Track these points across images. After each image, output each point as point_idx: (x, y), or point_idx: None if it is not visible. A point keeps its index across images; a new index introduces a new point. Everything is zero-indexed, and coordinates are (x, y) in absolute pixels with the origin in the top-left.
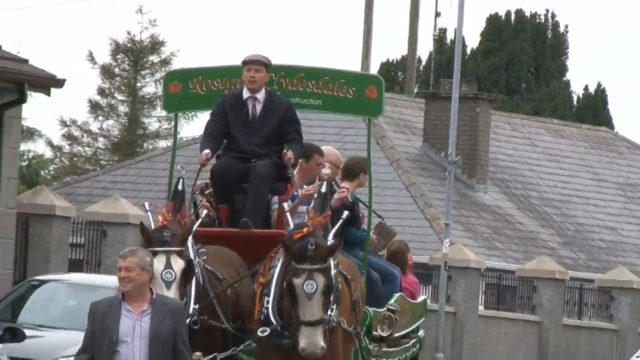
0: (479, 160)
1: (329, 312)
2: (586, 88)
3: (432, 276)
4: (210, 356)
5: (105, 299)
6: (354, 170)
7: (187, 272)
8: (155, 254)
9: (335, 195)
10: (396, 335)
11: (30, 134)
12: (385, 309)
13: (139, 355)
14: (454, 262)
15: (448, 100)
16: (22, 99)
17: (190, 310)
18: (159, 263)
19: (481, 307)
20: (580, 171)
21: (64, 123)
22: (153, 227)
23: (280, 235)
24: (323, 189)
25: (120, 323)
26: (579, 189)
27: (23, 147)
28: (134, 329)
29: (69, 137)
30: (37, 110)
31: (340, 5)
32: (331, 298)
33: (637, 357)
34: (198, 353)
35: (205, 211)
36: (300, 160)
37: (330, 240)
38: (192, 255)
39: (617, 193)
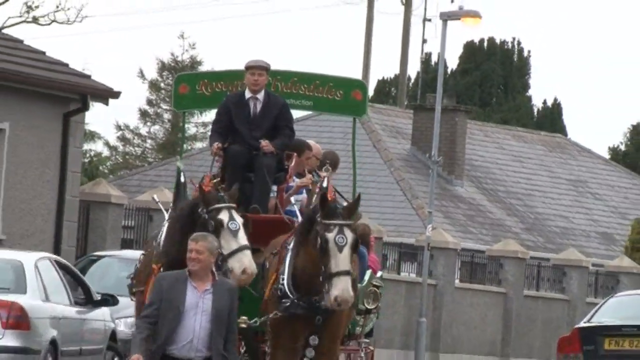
0: (457, 161)
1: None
2: (545, 102)
3: (417, 255)
4: (254, 320)
5: (172, 272)
6: (334, 162)
7: (246, 226)
8: (219, 210)
9: (298, 181)
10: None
11: (92, 136)
12: (371, 284)
13: (199, 327)
14: (435, 243)
15: (432, 111)
16: (85, 108)
17: None
18: (224, 216)
19: (457, 281)
20: (539, 170)
21: (119, 127)
22: (165, 212)
23: (280, 219)
24: (324, 184)
25: (186, 296)
26: (538, 185)
27: (85, 147)
28: (197, 304)
29: (123, 139)
30: (97, 116)
31: (344, 32)
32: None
33: (585, 322)
34: (244, 317)
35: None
36: (294, 155)
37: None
38: None
39: (569, 188)
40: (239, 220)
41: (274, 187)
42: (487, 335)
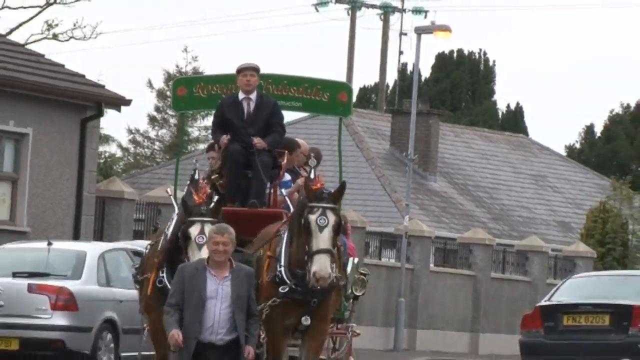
0: (431, 158)
1: (333, 266)
2: (508, 106)
3: (396, 242)
4: None
5: (192, 263)
6: (318, 157)
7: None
8: (193, 222)
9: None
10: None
11: (106, 139)
12: (358, 272)
13: (219, 313)
14: (412, 232)
15: (408, 115)
16: (100, 114)
17: None
18: (194, 229)
19: (432, 265)
20: (503, 166)
21: (130, 131)
22: (175, 205)
23: (278, 213)
24: (312, 175)
25: (206, 284)
26: (503, 179)
27: (100, 149)
28: (217, 290)
29: (134, 141)
30: (111, 122)
31: (329, 46)
32: (337, 239)
33: (545, 301)
34: None
35: (216, 197)
36: (286, 152)
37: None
38: None
39: (530, 182)
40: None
41: (267, 184)
42: (458, 313)
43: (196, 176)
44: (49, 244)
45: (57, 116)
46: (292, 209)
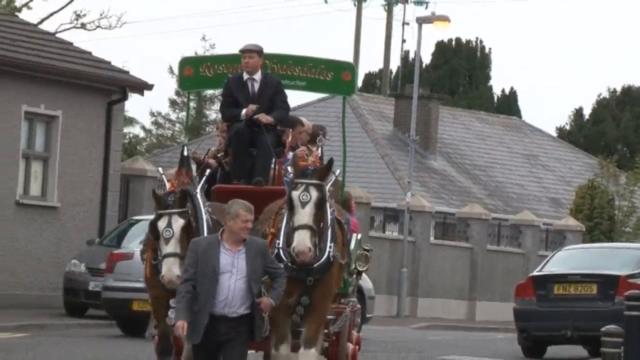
0: (431, 139)
1: (328, 243)
2: (503, 90)
3: (399, 217)
4: None
5: (204, 237)
6: (317, 135)
7: (188, 228)
8: (160, 215)
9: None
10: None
11: (130, 121)
12: (362, 248)
13: (234, 286)
14: (414, 207)
15: (410, 99)
16: (124, 98)
17: None
18: (162, 222)
19: (432, 238)
20: (498, 146)
21: (152, 114)
22: (167, 184)
23: (281, 191)
24: (318, 152)
25: (220, 258)
26: (497, 158)
27: (125, 130)
28: (232, 264)
29: (156, 123)
30: (134, 105)
31: (337, 34)
32: (322, 213)
33: (537, 271)
34: None
35: (200, 181)
36: (289, 131)
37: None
38: (203, 210)
39: (523, 161)
40: (176, 227)
41: (273, 160)
42: (456, 283)
43: (185, 153)
44: None
45: (85, 100)
46: None
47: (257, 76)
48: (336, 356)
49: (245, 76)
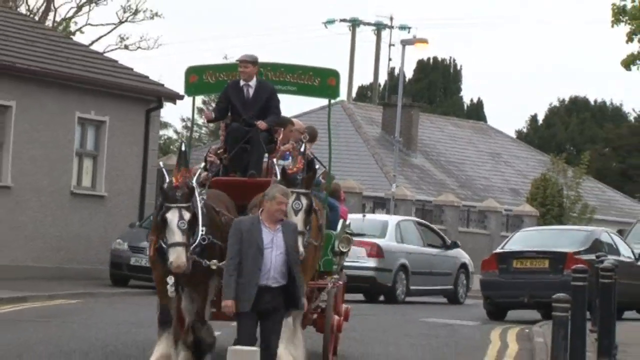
0: (412, 140)
1: (305, 237)
2: (472, 100)
3: (385, 204)
4: (224, 262)
5: (246, 218)
6: (312, 136)
7: (193, 220)
8: (169, 208)
9: (283, 147)
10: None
11: (164, 125)
12: (344, 232)
13: (274, 260)
14: (398, 196)
15: (395, 107)
16: (160, 106)
17: (200, 232)
18: (172, 215)
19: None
20: (468, 146)
21: (182, 119)
22: (167, 179)
23: (270, 182)
24: (302, 149)
25: (262, 236)
26: (467, 156)
27: (160, 132)
28: (272, 241)
29: (186, 127)
30: (168, 112)
31: (335, 54)
32: (310, 217)
33: (500, 249)
34: (214, 260)
35: (204, 172)
36: (281, 129)
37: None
38: (197, 198)
39: (488, 158)
40: (186, 218)
41: (265, 156)
42: None
43: (182, 148)
44: (364, 216)
45: (127, 108)
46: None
47: (252, 82)
48: (323, 326)
49: (242, 82)
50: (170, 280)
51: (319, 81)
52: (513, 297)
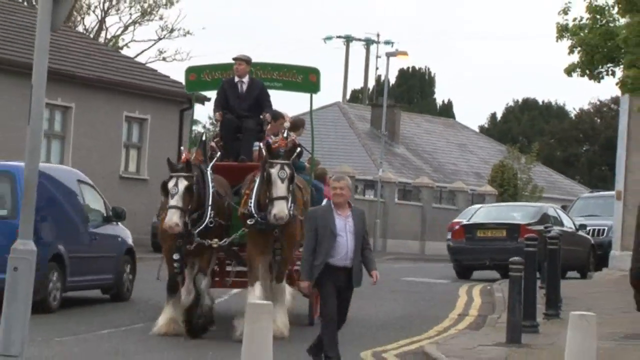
0: (395, 134)
1: (290, 205)
2: (443, 101)
3: (374, 185)
4: (223, 241)
5: (320, 207)
6: (296, 125)
7: (190, 188)
8: (171, 177)
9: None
10: None
11: (195, 122)
12: None
13: (348, 242)
14: (384, 179)
15: (381, 107)
16: (191, 107)
17: (208, 214)
18: (171, 182)
19: (396, 199)
20: (440, 139)
21: (210, 118)
22: (182, 155)
23: (258, 166)
24: (285, 134)
25: (335, 222)
26: (440, 147)
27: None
28: (345, 226)
29: (213, 124)
30: (198, 111)
31: (332, 64)
32: (291, 188)
33: (466, 221)
34: (215, 240)
35: (219, 153)
36: (270, 120)
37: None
38: (210, 183)
39: (457, 148)
40: (181, 186)
41: (257, 143)
42: (413, 229)
43: (203, 138)
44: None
45: (165, 108)
46: None
47: (245, 79)
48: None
49: (236, 79)
50: (177, 256)
51: (301, 78)
52: (477, 261)
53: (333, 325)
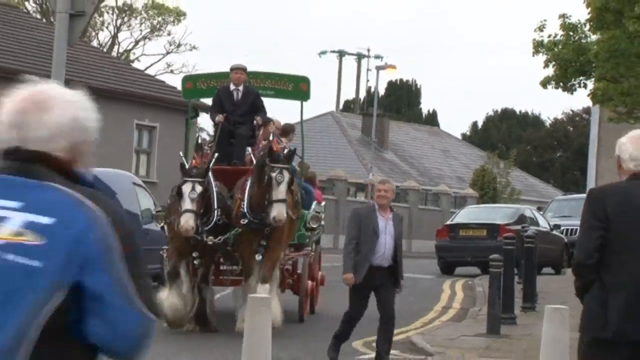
0: (385, 141)
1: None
2: (428, 111)
3: (364, 188)
4: (218, 238)
5: (363, 207)
6: (287, 131)
7: (204, 193)
8: (185, 181)
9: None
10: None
11: (200, 129)
12: (314, 211)
13: (387, 243)
14: (374, 183)
15: (371, 116)
16: (197, 115)
17: (216, 214)
18: (187, 187)
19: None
20: (426, 145)
21: (214, 125)
22: (187, 165)
23: (251, 170)
24: (271, 138)
25: (378, 222)
26: (425, 152)
27: (197, 135)
28: (386, 227)
29: (216, 131)
30: (203, 119)
31: (327, 77)
32: (291, 188)
33: (451, 220)
34: (211, 237)
35: (216, 155)
36: (261, 123)
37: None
38: (213, 184)
39: (441, 154)
40: (197, 191)
41: (249, 148)
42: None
43: (199, 141)
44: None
45: (172, 116)
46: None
47: (241, 87)
48: (298, 289)
49: (232, 87)
50: (195, 254)
51: (292, 86)
52: (460, 258)
53: (349, 328)
